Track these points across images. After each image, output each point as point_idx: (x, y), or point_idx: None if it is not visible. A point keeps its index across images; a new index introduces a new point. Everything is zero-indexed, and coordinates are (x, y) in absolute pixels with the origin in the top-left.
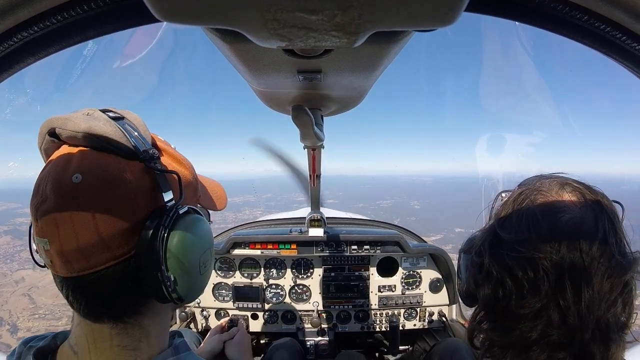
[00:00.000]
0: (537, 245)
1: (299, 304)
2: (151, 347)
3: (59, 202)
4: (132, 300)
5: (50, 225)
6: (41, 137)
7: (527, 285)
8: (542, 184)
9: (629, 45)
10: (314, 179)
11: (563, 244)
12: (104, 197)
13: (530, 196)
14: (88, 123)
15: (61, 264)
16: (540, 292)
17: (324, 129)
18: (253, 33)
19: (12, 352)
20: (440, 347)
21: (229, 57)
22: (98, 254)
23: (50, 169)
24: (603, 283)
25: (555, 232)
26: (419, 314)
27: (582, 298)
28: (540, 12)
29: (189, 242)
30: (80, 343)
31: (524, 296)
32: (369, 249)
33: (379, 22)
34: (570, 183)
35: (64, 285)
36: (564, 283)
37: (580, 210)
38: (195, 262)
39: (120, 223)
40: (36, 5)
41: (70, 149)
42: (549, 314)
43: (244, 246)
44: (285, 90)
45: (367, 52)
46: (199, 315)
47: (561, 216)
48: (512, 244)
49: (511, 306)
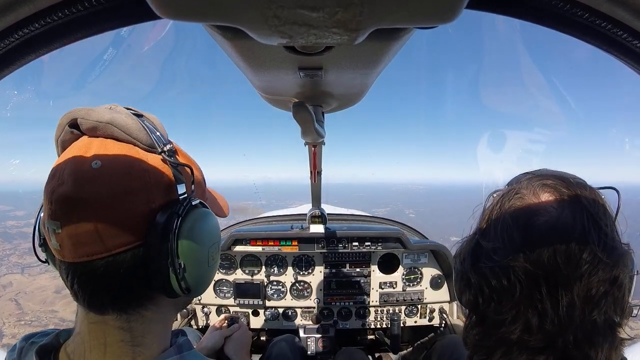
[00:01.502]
0: (510, 252)
1: (300, 300)
2: (154, 345)
3: (76, 186)
4: (139, 292)
5: (65, 208)
6: (60, 128)
7: (502, 293)
8: (522, 185)
9: (630, 43)
10: (314, 175)
11: (537, 249)
12: (122, 183)
13: (510, 200)
14: (112, 114)
15: (70, 248)
16: (514, 299)
17: (324, 126)
18: (254, 30)
19: (13, 348)
20: (440, 343)
21: (230, 54)
22: (110, 238)
23: (69, 156)
24: (584, 283)
25: (528, 237)
26: (420, 311)
27: (559, 302)
28: (541, 9)
29: (200, 232)
30: (83, 340)
31: (501, 303)
32: (370, 245)
33: (379, 19)
34: (548, 181)
35: (70, 272)
36: (539, 289)
37: (557, 209)
38: (204, 253)
39: (135, 209)
40: (37, 2)
41: (90, 139)
42: (527, 320)
43: (245, 243)
44: (287, 87)
45: (368, 49)
46: (200, 312)
47: (535, 219)
48: (489, 253)
49: (490, 312)
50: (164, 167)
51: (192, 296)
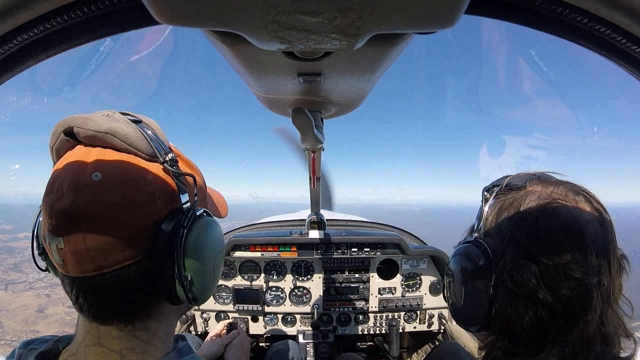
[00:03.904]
0: (582, 263)
1: (299, 306)
2: (157, 351)
3: (77, 200)
4: (144, 301)
5: (66, 223)
6: (55, 136)
7: (577, 309)
8: (553, 191)
9: (628, 48)
10: (314, 181)
11: (596, 259)
12: (124, 196)
13: (550, 204)
14: (110, 124)
15: (75, 263)
16: (588, 315)
17: (323, 132)
18: (253, 35)
19: (12, 354)
20: (439, 349)
21: (229, 60)
22: (115, 253)
23: (67, 167)
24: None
25: (589, 246)
26: (419, 317)
27: (610, 305)
28: (540, 15)
29: (205, 242)
30: (86, 348)
31: (573, 321)
32: (369, 251)
33: (378, 24)
34: (582, 190)
35: (75, 286)
36: (603, 304)
37: (597, 219)
38: (210, 262)
39: (139, 222)
40: (36, 7)
41: (88, 149)
42: (593, 337)
43: (244, 248)
44: (285, 92)
45: (367, 54)
46: (199, 318)
47: (587, 228)
48: (558, 265)
49: (553, 332)
50: (166, 176)
51: (198, 304)
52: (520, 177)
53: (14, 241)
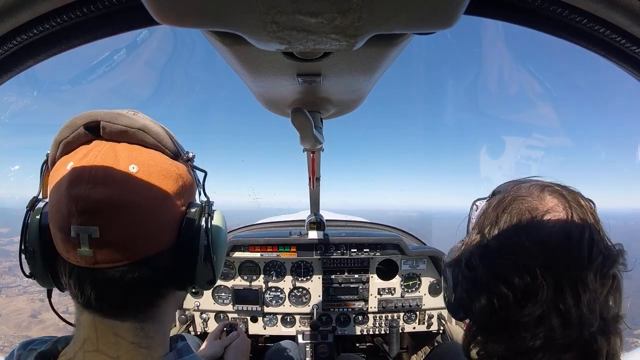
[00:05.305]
0: (530, 251)
1: (299, 306)
2: (160, 347)
3: (116, 189)
4: (156, 292)
5: (105, 212)
6: (71, 129)
7: (524, 293)
8: (521, 189)
9: (628, 49)
10: (313, 181)
11: (555, 247)
12: (160, 187)
13: (512, 202)
14: (143, 121)
15: (108, 253)
16: (538, 298)
17: (323, 132)
18: (252, 36)
19: (11, 355)
20: (439, 350)
21: (228, 60)
22: (147, 243)
23: (94, 159)
24: (597, 280)
25: (544, 235)
26: (419, 317)
27: (581, 300)
28: (539, 15)
29: (222, 232)
30: (90, 345)
31: (522, 304)
32: (368, 251)
33: (378, 25)
34: (550, 186)
35: (91, 280)
36: (563, 287)
37: (565, 211)
38: (223, 250)
39: (170, 213)
40: (36, 7)
41: (111, 144)
42: (550, 320)
43: (243, 249)
44: (285, 93)
45: (367, 55)
46: (198, 319)
47: (548, 219)
48: (504, 252)
49: (509, 316)
50: (189, 173)
51: (210, 288)
52: (506, 183)
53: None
